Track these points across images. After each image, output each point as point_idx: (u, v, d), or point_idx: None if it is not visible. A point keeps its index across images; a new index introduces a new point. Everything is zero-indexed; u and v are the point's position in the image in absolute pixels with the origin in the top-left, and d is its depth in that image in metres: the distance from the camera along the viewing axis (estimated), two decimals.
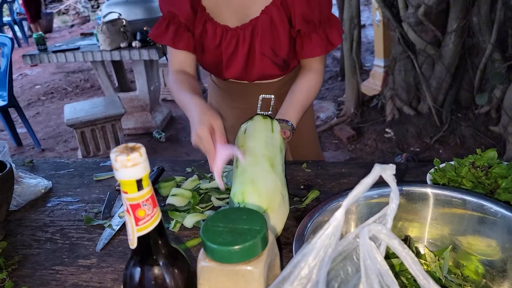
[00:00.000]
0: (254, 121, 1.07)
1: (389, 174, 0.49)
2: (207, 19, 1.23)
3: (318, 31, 1.22)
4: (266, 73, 1.30)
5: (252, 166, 0.94)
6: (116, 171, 0.49)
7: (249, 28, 1.22)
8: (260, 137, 1.01)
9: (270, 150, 0.99)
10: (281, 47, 1.24)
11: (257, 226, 0.54)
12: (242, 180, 0.91)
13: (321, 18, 1.21)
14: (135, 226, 0.51)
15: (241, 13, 1.23)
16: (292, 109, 1.23)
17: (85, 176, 1.33)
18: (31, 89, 6.25)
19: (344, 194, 0.78)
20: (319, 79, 1.31)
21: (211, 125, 1.00)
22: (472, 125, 3.49)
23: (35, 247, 1.00)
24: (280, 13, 1.20)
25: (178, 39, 1.24)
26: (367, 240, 0.49)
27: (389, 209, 0.52)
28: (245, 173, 0.93)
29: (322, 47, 1.23)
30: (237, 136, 1.10)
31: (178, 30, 1.24)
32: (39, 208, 1.17)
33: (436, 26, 3.45)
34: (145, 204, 0.51)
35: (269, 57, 1.25)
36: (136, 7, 3.85)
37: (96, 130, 3.42)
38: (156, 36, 1.28)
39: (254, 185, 0.89)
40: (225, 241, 0.53)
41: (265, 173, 0.92)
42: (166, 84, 5.10)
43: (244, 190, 0.89)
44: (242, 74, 1.30)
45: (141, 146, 0.50)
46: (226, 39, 1.24)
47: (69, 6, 13.46)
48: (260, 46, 1.23)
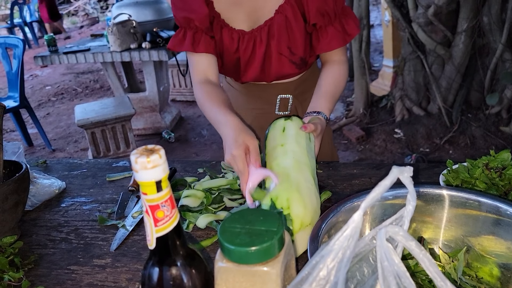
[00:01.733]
0: (293, 122, 1.03)
1: (406, 176, 0.49)
2: (223, 25, 1.23)
3: (334, 23, 1.21)
4: (283, 72, 1.30)
5: (296, 172, 0.91)
6: (136, 172, 0.50)
7: (265, 30, 1.22)
8: (302, 144, 0.99)
9: (311, 160, 0.97)
10: (298, 44, 1.23)
11: (274, 227, 0.55)
12: (287, 186, 0.87)
13: (335, 10, 1.20)
14: (154, 227, 0.52)
15: (254, 15, 1.23)
16: (323, 100, 1.19)
17: (98, 176, 1.35)
18: (41, 90, 6.31)
19: (357, 195, 0.78)
20: (343, 70, 1.28)
21: (247, 146, 0.99)
22: (482, 126, 3.46)
23: (50, 246, 1.02)
24: (294, 10, 1.19)
25: (197, 43, 1.22)
26: (384, 241, 0.49)
27: (406, 211, 0.52)
28: (289, 178, 0.89)
29: (339, 39, 1.22)
30: (269, 130, 1.06)
31: (196, 35, 1.22)
32: (54, 208, 1.19)
33: (446, 26, 3.43)
34: (164, 205, 0.52)
35: (286, 56, 1.25)
36: (146, 8, 3.88)
37: (106, 130, 3.44)
38: (174, 46, 1.25)
39: (300, 195, 0.86)
40: (242, 242, 0.53)
41: (309, 185, 0.90)
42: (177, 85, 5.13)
43: (290, 197, 0.85)
44: (260, 76, 1.30)
45: (161, 148, 0.51)
46: (243, 43, 1.24)
47: (78, 7, 13.56)
48: (277, 46, 1.23)
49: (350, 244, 0.44)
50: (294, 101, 1.37)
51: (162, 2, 4.06)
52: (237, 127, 1.04)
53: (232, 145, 0.99)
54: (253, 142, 0.99)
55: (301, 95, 1.38)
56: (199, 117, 4.68)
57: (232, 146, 0.98)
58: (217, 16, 1.23)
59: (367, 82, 4.12)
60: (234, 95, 1.46)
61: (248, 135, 1.01)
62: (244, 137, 1.00)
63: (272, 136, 1.03)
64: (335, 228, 0.69)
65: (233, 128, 1.03)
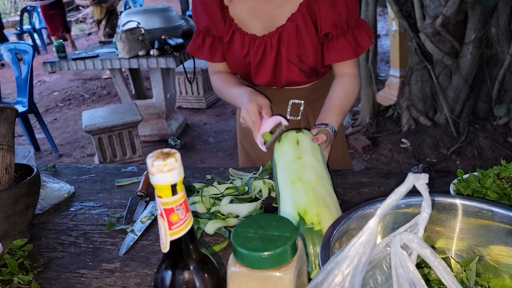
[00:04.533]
0: (306, 135, 1.04)
1: (422, 183, 0.49)
2: (235, 29, 1.26)
3: (346, 35, 1.22)
4: (293, 79, 1.31)
5: (320, 186, 0.90)
6: (152, 175, 0.50)
7: (276, 36, 1.23)
8: (319, 157, 0.99)
9: (327, 173, 0.98)
10: (308, 53, 1.24)
11: (287, 233, 0.55)
12: (314, 200, 0.86)
13: (348, 22, 1.21)
14: (168, 230, 0.52)
15: (268, 22, 1.25)
16: (332, 113, 1.22)
17: (106, 181, 1.35)
18: (49, 96, 6.36)
19: (369, 202, 0.78)
20: (355, 83, 1.29)
21: (259, 104, 1.12)
22: (490, 136, 3.45)
23: (59, 250, 1.02)
24: (306, 19, 1.21)
25: (214, 52, 1.32)
26: (399, 249, 0.49)
27: (421, 218, 0.52)
28: (315, 193, 0.87)
29: (350, 50, 1.22)
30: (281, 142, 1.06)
31: (214, 44, 1.30)
32: (63, 212, 1.19)
33: (453, 37, 3.43)
34: (179, 208, 0.52)
35: (295, 64, 1.26)
36: (154, 16, 3.91)
37: (113, 136, 3.46)
38: (194, 51, 1.34)
39: (328, 209, 0.85)
40: (256, 247, 0.53)
41: (334, 200, 0.90)
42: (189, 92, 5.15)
43: (320, 212, 0.84)
44: (271, 81, 1.32)
45: (176, 152, 0.51)
46: (253, 47, 1.26)
47: (87, 14, 13.69)
48: (286, 53, 1.24)
49: (365, 251, 0.44)
50: (306, 107, 1.38)
51: (171, 10, 4.10)
52: (251, 92, 1.19)
53: (248, 103, 1.13)
54: (264, 101, 1.14)
55: (313, 102, 1.39)
56: (205, 125, 4.69)
57: (248, 104, 1.12)
58: (230, 20, 1.26)
59: (373, 92, 4.12)
60: None
61: (261, 96, 1.16)
62: (257, 97, 1.15)
63: (287, 149, 1.02)
64: (347, 235, 0.69)
65: (248, 93, 1.18)
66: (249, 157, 1.53)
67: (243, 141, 1.55)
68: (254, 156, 1.51)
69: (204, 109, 5.11)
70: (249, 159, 1.54)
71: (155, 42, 3.65)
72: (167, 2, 6.99)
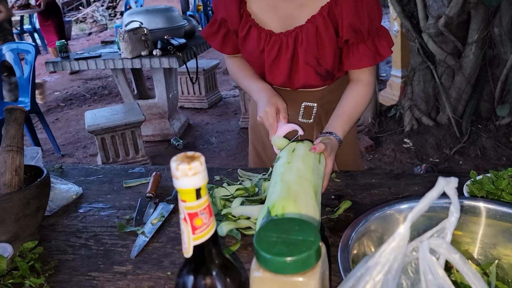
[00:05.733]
0: (305, 145, 1.09)
1: (451, 187, 0.48)
2: (252, 24, 1.26)
3: (366, 42, 1.21)
4: (308, 82, 1.30)
5: (296, 185, 0.94)
6: (176, 179, 0.49)
7: (293, 35, 1.22)
8: (309, 163, 1.02)
9: (315, 178, 1.00)
10: (326, 57, 1.23)
11: (311, 237, 0.54)
12: (285, 196, 0.91)
13: (370, 29, 1.19)
14: (192, 235, 0.52)
15: (287, 21, 1.24)
16: (339, 121, 1.23)
17: (114, 182, 1.35)
18: (50, 96, 6.34)
19: (387, 204, 0.77)
20: (368, 91, 1.29)
21: (277, 106, 1.21)
22: (493, 137, 3.45)
23: (70, 252, 1.01)
24: (326, 23, 1.19)
25: (225, 44, 1.35)
26: (428, 254, 0.49)
27: (448, 223, 0.51)
28: (289, 190, 0.93)
29: (370, 58, 1.22)
30: (281, 152, 1.11)
31: (227, 35, 1.33)
32: (71, 214, 1.19)
33: (456, 37, 3.43)
34: (203, 213, 0.51)
35: (312, 67, 1.25)
36: (157, 16, 3.90)
37: (116, 136, 3.45)
38: (207, 35, 1.37)
39: (296, 204, 0.89)
40: (280, 252, 0.52)
41: (308, 198, 0.92)
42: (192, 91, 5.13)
43: (285, 205, 0.89)
44: (286, 81, 1.31)
45: (201, 155, 0.51)
46: (269, 43, 1.25)
47: (87, 14, 13.68)
48: (304, 55, 1.23)
49: (397, 256, 0.44)
50: (319, 110, 1.37)
51: (173, 10, 4.09)
52: (270, 92, 1.26)
53: (266, 104, 1.20)
54: (283, 104, 1.23)
55: (327, 104, 1.37)
56: (207, 125, 4.68)
57: (266, 105, 1.20)
58: (247, 15, 1.26)
59: (376, 92, 4.12)
60: None
61: (279, 98, 1.24)
62: (276, 99, 1.22)
63: (282, 156, 1.08)
64: (367, 236, 0.68)
65: (267, 92, 1.25)
66: (260, 157, 1.53)
67: (255, 141, 1.54)
68: (265, 157, 1.50)
69: (206, 109, 5.10)
70: (260, 159, 1.53)
71: (158, 42, 3.64)
72: (168, 2, 6.98)
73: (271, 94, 1.24)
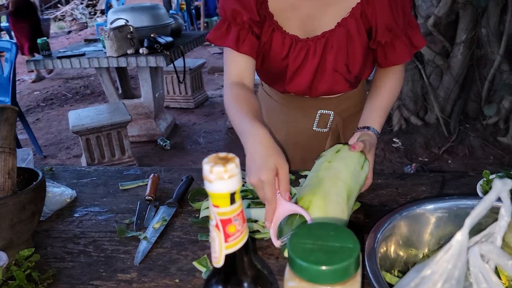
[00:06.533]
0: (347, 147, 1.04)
1: (505, 189, 0.45)
2: (276, 27, 1.12)
3: (401, 37, 1.13)
4: (334, 90, 1.21)
5: (330, 184, 0.91)
6: (210, 183, 0.45)
7: (322, 41, 1.11)
8: (350, 166, 0.97)
9: (353, 182, 0.95)
10: (356, 62, 1.14)
11: (350, 244, 0.51)
12: (315, 191, 0.88)
13: (404, 24, 1.11)
14: (224, 243, 0.47)
15: (310, 23, 1.12)
16: (374, 115, 1.14)
17: (109, 184, 1.29)
18: (29, 95, 6.17)
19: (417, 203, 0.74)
20: (400, 80, 1.21)
21: (277, 171, 0.86)
22: (480, 136, 3.48)
23: (68, 260, 0.95)
24: (359, 25, 1.09)
25: (241, 41, 1.10)
26: (480, 260, 0.45)
27: (498, 227, 0.48)
28: (321, 186, 0.89)
29: (406, 53, 1.14)
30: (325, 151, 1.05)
31: (241, 32, 1.10)
32: (67, 218, 1.12)
33: (445, 37, 3.45)
34: (236, 219, 0.47)
35: (341, 74, 1.15)
36: (143, 14, 3.81)
37: (101, 137, 3.36)
38: (216, 39, 1.14)
39: (324, 202, 0.86)
40: (318, 260, 0.49)
41: (339, 199, 0.89)
42: None
43: (313, 200, 0.86)
44: (305, 89, 1.20)
45: (235, 156, 0.46)
46: (294, 50, 1.13)
47: (66, 12, 13.40)
48: (334, 62, 1.12)
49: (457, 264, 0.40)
50: (336, 118, 1.29)
51: (159, 8, 4.01)
52: (267, 144, 0.90)
53: (262, 168, 0.85)
54: (284, 167, 0.86)
55: (344, 112, 1.29)
56: (194, 125, 4.62)
57: (262, 169, 0.85)
58: (270, 17, 1.12)
59: (369, 87, 4.13)
60: (269, 104, 1.37)
61: (280, 157, 0.88)
62: (276, 159, 0.86)
63: (324, 155, 1.03)
64: (395, 235, 0.65)
65: (263, 145, 0.90)
66: None
67: None
68: None
69: (192, 108, 5.03)
70: None
71: (144, 40, 3.56)
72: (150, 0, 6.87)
73: (269, 149, 0.89)
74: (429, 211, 0.70)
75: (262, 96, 1.41)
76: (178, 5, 9.15)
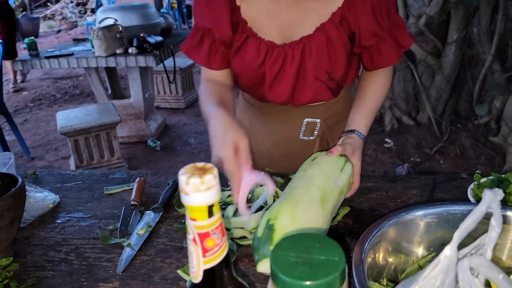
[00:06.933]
0: (325, 153, 1.02)
1: (496, 199, 0.43)
2: (250, 34, 1.08)
3: (386, 39, 1.08)
4: (317, 99, 1.17)
5: (302, 190, 0.89)
6: (186, 195, 0.42)
7: (299, 47, 1.06)
8: (325, 170, 0.95)
9: (329, 185, 0.92)
10: (338, 69, 1.10)
11: (335, 257, 0.48)
12: (284, 200, 0.86)
13: (389, 25, 1.07)
14: (202, 258, 0.45)
15: (289, 30, 1.08)
16: (360, 117, 1.12)
17: (94, 189, 1.25)
18: (17, 95, 6.09)
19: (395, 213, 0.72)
20: (387, 79, 1.18)
21: (236, 145, 0.89)
22: (472, 136, 3.49)
23: (48, 268, 0.92)
24: (339, 30, 1.05)
25: (213, 57, 1.11)
26: (469, 274, 0.43)
27: (488, 238, 0.46)
28: (292, 194, 0.88)
29: (393, 55, 1.11)
30: (303, 162, 1.03)
31: (213, 46, 1.10)
32: (48, 224, 1.09)
33: (436, 37, 3.45)
34: (215, 232, 0.44)
35: (323, 82, 1.11)
36: (132, 13, 3.77)
37: (90, 138, 3.31)
38: (189, 50, 1.15)
39: (293, 209, 0.84)
40: (303, 274, 0.46)
41: (311, 204, 0.86)
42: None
43: (281, 209, 0.84)
44: (287, 99, 1.16)
45: (213, 167, 0.44)
46: (271, 57, 1.08)
47: (56, 11, 13.27)
48: (314, 69, 1.08)
49: (445, 281, 0.38)
50: (322, 125, 1.25)
51: (149, 7, 3.97)
52: (225, 122, 0.94)
53: (221, 145, 0.90)
54: (243, 141, 0.90)
55: (331, 118, 1.26)
56: (184, 125, 4.58)
57: (221, 146, 0.89)
58: (243, 23, 1.08)
59: (355, 91, 4.11)
60: (251, 115, 1.31)
61: (237, 132, 0.91)
62: (233, 135, 0.90)
63: (301, 166, 1.01)
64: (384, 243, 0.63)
65: (222, 123, 0.94)
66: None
67: None
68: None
69: (183, 109, 4.99)
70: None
71: (133, 40, 3.52)
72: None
73: (227, 126, 0.93)
74: (418, 217, 0.68)
75: (242, 105, 1.36)
76: (169, 3, 9.08)
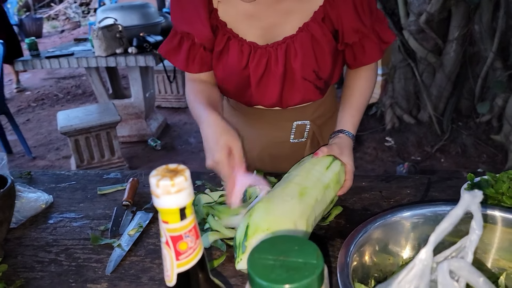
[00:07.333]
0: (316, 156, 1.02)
1: (476, 202, 0.42)
2: (231, 35, 1.06)
3: (369, 35, 1.09)
4: (306, 99, 1.16)
5: (279, 189, 0.90)
6: (157, 198, 0.41)
7: (283, 47, 1.05)
8: (308, 169, 0.95)
9: (309, 181, 0.92)
10: (325, 67, 1.09)
11: (313, 260, 0.47)
12: (263, 199, 0.88)
13: (371, 21, 1.07)
14: (175, 261, 0.44)
15: (271, 31, 1.07)
16: (347, 116, 1.11)
17: (88, 189, 1.25)
18: (20, 95, 6.11)
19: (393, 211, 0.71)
20: (371, 75, 1.18)
21: (229, 148, 0.92)
22: (473, 134, 3.46)
23: (38, 269, 0.92)
24: (323, 29, 1.04)
25: (191, 60, 1.10)
26: (448, 278, 0.42)
27: (469, 241, 0.45)
28: (269, 193, 0.90)
29: (376, 51, 1.11)
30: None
31: (192, 49, 1.09)
32: (40, 225, 1.09)
33: (437, 34, 3.42)
34: (188, 235, 0.44)
35: (311, 82, 1.10)
36: (132, 12, 3.77)
37: (90, 138, 3.31)
38: (167, 52, 1.13)
39: (267, 203, 0.84)
40: (279, 278, 0.45)
41: (287, 197, 0.86)
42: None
43: (256, 206, 0.85)
44: (276, 102, 1.14)
45: (186, 169, 0.43)
46: (254, 58, 1.06)
47: (59, 11, 13.30)
48: (301, 69, 1.06)
49: (419, 286, 0.37)
50: (312, 126, 1.24)
51: (149, 7, 3.97)
52: (218, 125, 0.95)
53: (214, 149, 0.92)
54: (236, 144, 0.92)
55: (319, 118, 1.25)
56: (185, 125, 4.58)
57: (214, 150, 0.92)
58: (222, 25, 1.06)
59: None
60: (238, 121, 1.27)
61: (230, 135, 0.93)
62: (226, 138, 0.92)
63: (289, 170, 1.02)
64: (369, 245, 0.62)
65: (214, 127, 0.95)
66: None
67: None
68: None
69: (184, 108, 4.99)
70: None
71: (133, 39, 3.52)
72: None
73: (220, 130, 0.94)
74: (405, 218, 0.67)
75: (228, 112, 1.31)
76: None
